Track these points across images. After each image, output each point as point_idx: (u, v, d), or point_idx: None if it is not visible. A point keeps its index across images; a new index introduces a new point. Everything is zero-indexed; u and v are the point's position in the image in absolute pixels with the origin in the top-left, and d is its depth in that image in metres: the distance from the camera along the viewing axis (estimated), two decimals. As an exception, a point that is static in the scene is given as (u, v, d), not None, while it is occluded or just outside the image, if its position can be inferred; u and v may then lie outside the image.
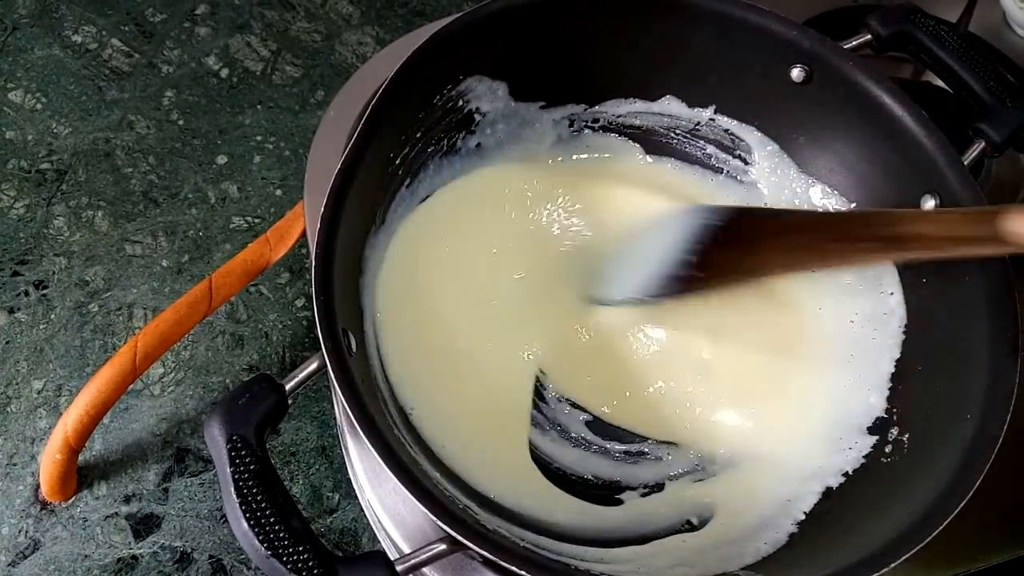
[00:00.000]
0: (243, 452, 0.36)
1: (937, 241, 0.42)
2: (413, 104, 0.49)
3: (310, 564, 0.35)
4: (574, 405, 0.50)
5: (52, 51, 0.78)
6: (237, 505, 0.35)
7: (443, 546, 0.37)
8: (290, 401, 0.40)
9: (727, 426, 0.50)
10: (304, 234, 0.60)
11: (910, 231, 0.43)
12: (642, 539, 0.46)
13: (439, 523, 0.35)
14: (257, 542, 0.35)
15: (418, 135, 0.50)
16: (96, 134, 0.75)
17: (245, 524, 0.35)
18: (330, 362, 0.38)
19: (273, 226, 0.63)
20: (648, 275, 0.50)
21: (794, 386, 0.50)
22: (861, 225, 0.47)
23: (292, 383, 0.39)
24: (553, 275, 0.53)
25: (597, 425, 0.50)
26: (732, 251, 0.49)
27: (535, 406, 0.50)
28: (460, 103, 0.51)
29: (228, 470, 0.36)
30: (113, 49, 0.79)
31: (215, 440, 0.36)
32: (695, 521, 0.47)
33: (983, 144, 0.48)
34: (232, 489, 0.35)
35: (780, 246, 0.49)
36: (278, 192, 0.73)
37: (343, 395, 0.38)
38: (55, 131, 0.75)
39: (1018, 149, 0.58)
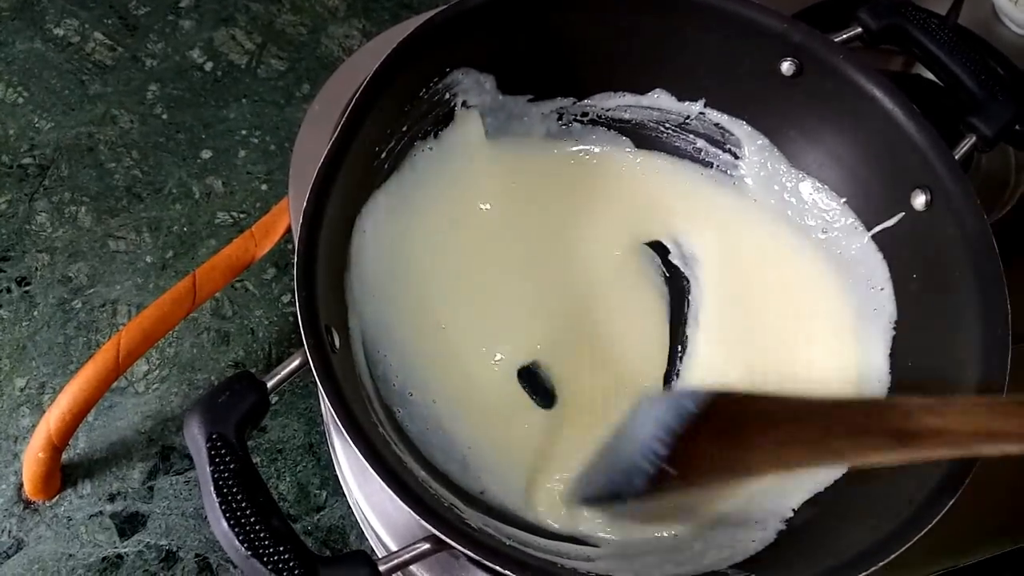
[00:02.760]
0: (223, 451, 0.36)
1: (963, 437, 0.36)
2: (398, 97, 0.48)
3: (291, 564, 0.34)
4: None
5: (34, 44, 0.77)
6: (217, 505, 0.35)
7: (427, 545, 0.37)
8: (276, 398, 0.39)
9: None
10: (290, 229, 0.59)
11: (931, 425, 0.36)
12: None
13: (421, 521, 0.35)
14: (237, 542, 0.34)
15: (404, 128, 0.50)
16: (79, 128, 0.74)
17: (225, 524, 0.35)
18: (312, 359, 0.38)
19: (258, 221, 0.62)
20: (613, 478, 0.41)
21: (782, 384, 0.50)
22: (871, 415, 0.39)
23: (274, 380, 0.39)
24: (544, 266, 0.53)
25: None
26: (713, 444, 0.39)
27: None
28: (447, 96, 0.51)
29: (208, 469, 0.35)
30: (96, 42, 0.78)
31: (194, 439, 0.36)
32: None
33: (974, 138, 0.48)
34: (212, 488, 0.35)
35: (772, 438, 0.39)
36: (264, 187, 0.72)
37: (325, 392, 0.37)
38: (37, 125, 0.74)
39: (1009, 143, 0.58)
